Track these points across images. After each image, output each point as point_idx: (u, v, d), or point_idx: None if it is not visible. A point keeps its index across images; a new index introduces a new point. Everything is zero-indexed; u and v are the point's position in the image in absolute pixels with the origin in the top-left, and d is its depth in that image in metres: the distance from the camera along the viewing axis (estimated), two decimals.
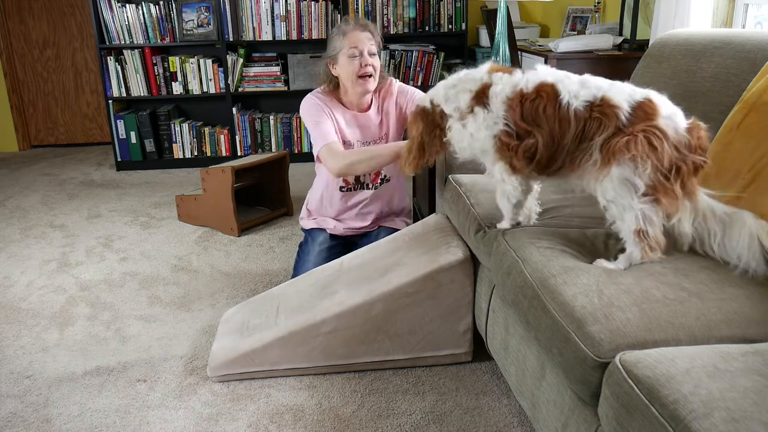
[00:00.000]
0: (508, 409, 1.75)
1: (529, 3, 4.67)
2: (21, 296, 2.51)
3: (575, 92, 1.47)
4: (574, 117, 1.45)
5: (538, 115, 1.50)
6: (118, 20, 4.11)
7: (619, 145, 1.38)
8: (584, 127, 1.45)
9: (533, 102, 1.50)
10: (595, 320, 1.20)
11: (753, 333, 1.18)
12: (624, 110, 1.41)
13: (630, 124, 1.40)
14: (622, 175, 1.39)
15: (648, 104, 1.42)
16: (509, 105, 1.53)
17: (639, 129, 1.39)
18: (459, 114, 1.64)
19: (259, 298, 2.15)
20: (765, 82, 1.47)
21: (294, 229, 3.12)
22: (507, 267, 1.54)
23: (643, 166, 1.37)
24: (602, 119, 1.42)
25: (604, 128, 1.42)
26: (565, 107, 1.46)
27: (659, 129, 1.38)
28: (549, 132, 1.48)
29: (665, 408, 0.95)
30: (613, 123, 1.41)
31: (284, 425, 1.70)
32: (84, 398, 1.84)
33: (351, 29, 2.20)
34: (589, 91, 1.46)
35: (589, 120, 1.44)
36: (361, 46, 2.18)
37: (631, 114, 1.41)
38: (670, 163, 1.38)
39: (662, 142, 1.37)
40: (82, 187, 4.01)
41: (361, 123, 2.33)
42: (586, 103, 1.45)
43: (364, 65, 2.19)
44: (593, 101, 1.44)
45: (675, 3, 2.65)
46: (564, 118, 1.46)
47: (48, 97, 5.04)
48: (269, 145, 4.42)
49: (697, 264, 1.40)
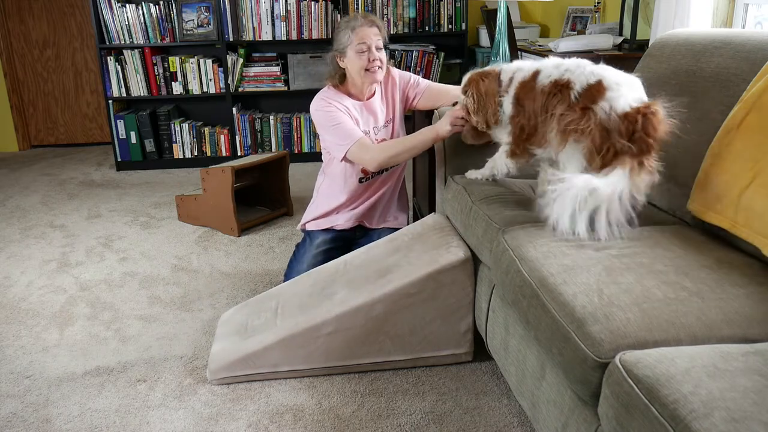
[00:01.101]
0: (508, 409, 1.75)
1: (529, 3, 4.67)
2: (21, 296, 2.51)
3: (547, 75, 1.70)
4: (541, 93, 1.68)
5: (524, 97, 1.75)
6: (118, 20, 4.11)
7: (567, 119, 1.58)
8: (546, 101, 1.67)
9: (525, 86, 1.76)
10: (596, 320, 1.20)
11: (754, 333, 1.18)
12: (575, 88, 1.61)
13: (582, 96, 1.59)
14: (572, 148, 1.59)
15: (597, 86, 1.58)
16: (516, 89, 1.79)
17: (583, 104, 1.57)
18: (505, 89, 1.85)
19: (257, 299, 2.15)
20: (765, 82, 1.47)
21: (294, 229, 3.12)
22: (506, 266, 1.54)
23: (584, 142, 1.56)
24: (559, 94, 1.63)
25: (559, 102, 1.63)
26: (538, 85, 1.71)
27: (592, 110, 1.55)
28: (527, 109, 1.73)
29: (665, 408, 0.95)
30: (568, 92, 1.61)
31: (284, 425, 1.70)
32: (84, 398, 1.84)
33: (360, 25, 2.26)
34: (558, 72, 1.68)
35: (549, 95, 1.66)
36: (369, 42, 2.24)
37: (580, 92, 1.59)
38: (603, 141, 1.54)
39: (590, 118, 1.54)
40: (82, 187, 4.01)
41: (371, 109, 2.39)
42: (550, 82, 1.69)
43: (372, 60, 2.26)
44: (555, 80, 1.67)
45: (675, 3, 2.64)
46: (537, 94, 1.70)
47: (48, 97, 5.04)
48: (269, 145, 4.42)
49: (698, 262, 1.40)
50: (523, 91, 1.77)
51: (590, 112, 1.55)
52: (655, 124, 1.52)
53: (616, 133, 1.52)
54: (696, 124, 1.77)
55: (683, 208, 1.73)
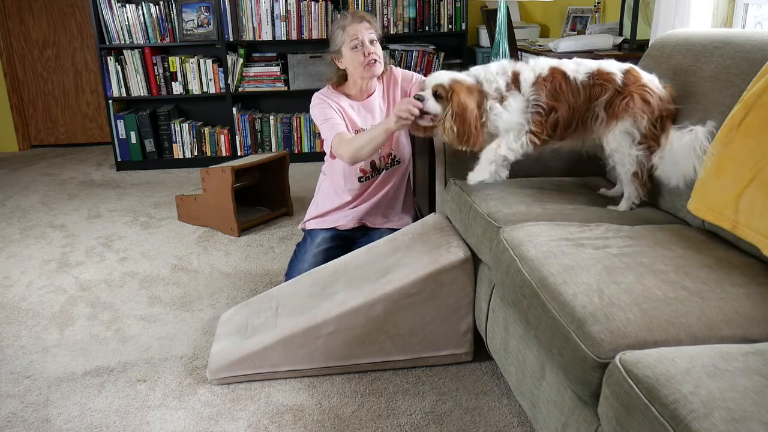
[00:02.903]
0: (508, 409, 1.75)
1: (529, 3, 4.67)
2: (21, 296, 2.51)
3: (573, 69, 1.82)
4: (582, 87, 1.79)
5: (559, 91, 1.81)
6: (118, 20, 4.11)
7: (622, 105, 1.75)
8: (590, 93, 1.79)
9: (552, 82, 1.81)
10: (596, 320, 1.20)
11: (754, 333, 1.18)
12: (618, 76, 1.78)
13: (624, 86, 1.77)
14: (624, 129, 1.77)
15: (632, 71, 1.81)
16: (536, 88, 1.82)
17: (633, 90, 1.76)
18: (499, 95, 1.84)
19: (257, 299, 2.15)
20: (765, 82, 1.46)
21: (294, 228, 3.12)
22: (506, 266, 1.54)
23: (641, 118, 1.75)
24: (603, 84, 1.78)
25: (605, 91, 1.78)
26: (573, 81, 1.80)
27: (648, 87, 1.77)
28: (566, 103, 1.80)
29: (665, 408, 0.95)
30: (612, 86, 1.77)
31: (284, 425, 1.70)
32: (84, 398, 1.84)
33: (349, 22, 2.27)
34: (584, 67, 1.82)
35: (593, 87, 1.79)
36: (361, 36, 2.25)
37: (623, 79, 1.78)
38: (659, 113, 1.76)
39: (652, 97, 1.76)
40: (82, 187, 4.01)
41: (369, 108, 2.39)
42: (586, 75, 1.80)
43: (368, 53, 2.26)
44: (593, 72, 1.80)
45: (675, 3, 2.64)
46: (575, 89, 1.80)
47: (48, 97, 5.04)
48: (269, 145, 4.42)
49: (698, 262, 1.40)
50: (552, 86, 1.81)
51: (645, 90, 1.76)
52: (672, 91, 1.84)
53: (665, 101, 1.79)
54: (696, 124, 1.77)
55: (683, 208, 1.73)
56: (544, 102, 1.80)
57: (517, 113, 1.82)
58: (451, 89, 1.85)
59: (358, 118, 2.37)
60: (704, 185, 1.56)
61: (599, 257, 1.43)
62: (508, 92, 1.83)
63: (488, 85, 1.85)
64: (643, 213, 1.82)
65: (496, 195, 1.93)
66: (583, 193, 1.99)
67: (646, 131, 1.75)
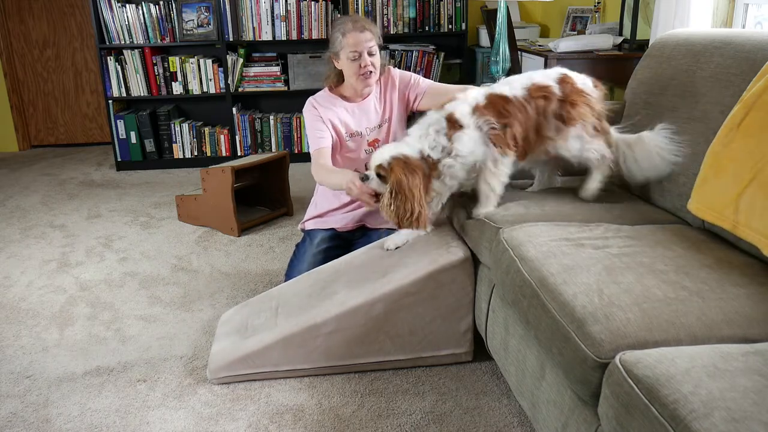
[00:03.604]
0: (508, 409, 1.75)
1: (529, 3, 4.67)
2: (21, 296, 2.51)
3: (508, 89, 1.85)
4: (524, 102, 1.83)
5: (504, 111, 1.82)
6: (118, 20, 4.11)
7: (571, 114, 1.83)
8: (535, 105, 1.83)
9: (494, 106, 1.82)
10: (596, 320, 1.20)
11: (754, 333, 1.18)
12: (555, 87, 1.84)
13: (564, 95, 1.84)
14: (575, 134, 1.85)
15: (566, 78, 1.88)
16: (479, 114, 1.81)
17: (575, 98, 1.84)
18: (446, 150, 1.81)
19: (257, 299, 2.15)
20: (765, 82, 1.47)
21: (294, 228, 3.12)
22: (506, 266, 1.54)
23: (588, 124, 1.85)
24: (545, 96, 1.83)
25: (549, 102, 1.83)
26: (514, 99, 1.83)
27: (586, 92, 1.86)
28: (516, 119, 1.82)
29: (665, 408, 0.95)
30: (554, 97, 1.83)
31: (284, 425, 1.70)
32: (84, 398, 1.84)
33: (350, 30, 2.25)
34: (517, 84, 1.86)
35: (535, 100, 1.83)
36: (360, 48, 2.23)
37: (560, 88, 1.84)
38: (599, 114, 1.88)
39: (593, 100, 1.86)
40: (82, 187, 4.01)
41: (364, 110, 2.38)
42: (523, 91, 1.84)
43: (364, 66, 2.25)
44: (529, 87, 1.84)
45: (675, 3, 2.64)
46: (519, 105, 1.82)
47: (48, 97, 5.04)
48: (269, 145, 4.42)
49: (698, 262, 1.40)
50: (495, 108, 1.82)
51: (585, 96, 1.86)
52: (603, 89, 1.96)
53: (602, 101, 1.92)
54: (696, 124, 1.77)
55: (683, 208, 1.73)
56: (495, 121, 1.79)
57: (476, 143, 1.79)
58: (390, 168, 1.80)
59: (352, 121, 2.36)
60: (704, 185, 1.56)
61: (599, 257, 1.43)
62: (451, 141, 1.79)
63: (434, 151, 1.80)
64: (643, 213, 1.82)
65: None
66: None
67: (593, 132, 1.88)
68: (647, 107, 2.02)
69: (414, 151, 1.82)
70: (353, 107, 2.37)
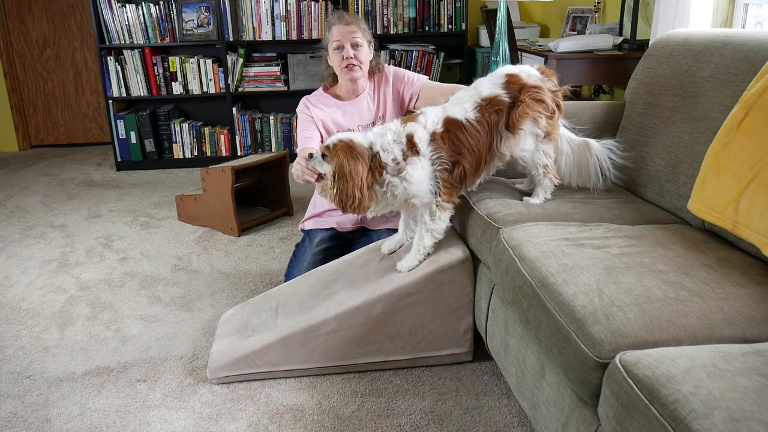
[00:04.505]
0: (508, 409, 1.75)
1: (529, 3, 4.67)
2: (21, 296, 2.51)
3: (460, 111, 1.81)
4: (478, 124, 1.79)
5: (457, 141, 1.78)
6: (118, 20, 4.11)
7: (518, 114, 1.80)
8: (488, 123, 1.81)
9: (449, 137, 1.78)
10: (596, 320, 1.20)
11: (754, 333, 1.18)
12: (503, 95, 1.82)
13: (513, 99, 1.81)
14: (528, 131, 1.83)
15: (510, 77, 1.84)
16: (435, 146, 1.77)
17: (522, 97, 1.80)
18: (396, 167, 1.76)
19: (257, 299, 2.15)
20: (765, 82, 1.47)
21: (294, 229, 3.12)
22: (506, 266, 1.54)
23: (540, 118, 1.82)
24: (497, 109, 1.81)
25: (501, 114, 1.81)
26: (467, 124, 1.79)
27: (533, 87, 1.82)
28: (469, 151, 1.79)
29: (665, 408, 0.95)
30: (504, 106, 1.81)
31: (284, 425, 1.70)
32: (84, 398, 1.84)
33: (335, 23, 2.30)
34: (468, 104, 1.82)
35: (490, 116, 1.80)
36: (342, 40, 2.26)
37: (508, 94, 1.82)
38: (554, 104, 1.85)
39: (542, 93, 1.83)
40: (82, 187, 4.01)
41: (356, 108, 2.39)
42: (475, 111, 1.80)
43: (347, 57, 2.27)
44: (479, 104, 1.81)
45: (675, 3, 2.64)
46: (473, 131, 1.79)
47: (48, 97, 5.04)
48: (269, 145, 4.42)
49: (698, 262, 1.40)
50: (450, 140, 1.78)
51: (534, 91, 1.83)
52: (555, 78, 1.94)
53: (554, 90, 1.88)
54: (696, 124, 1.77)
55: (683, 208, 1.73)
56: (448, 159, 1.77)
57: (426, 175, 1.77)
58: (334, 149, 1.76)
59: (344, 120, 2.37)
60: (704, 185, 1.56)
61: (599, 257, 1.43)
62: (406, 161, 1.75)
63: (385, 155, 1.76)
64: (643, 213, 1.82)
65: (495, 196, 1.93)
66: (582, 193, 1.99)
67: (547, 127, 1.85)
68: (647, 107, 2.02)
69: (365, 141, 1.79)
70: (346, 106, 2.38)
